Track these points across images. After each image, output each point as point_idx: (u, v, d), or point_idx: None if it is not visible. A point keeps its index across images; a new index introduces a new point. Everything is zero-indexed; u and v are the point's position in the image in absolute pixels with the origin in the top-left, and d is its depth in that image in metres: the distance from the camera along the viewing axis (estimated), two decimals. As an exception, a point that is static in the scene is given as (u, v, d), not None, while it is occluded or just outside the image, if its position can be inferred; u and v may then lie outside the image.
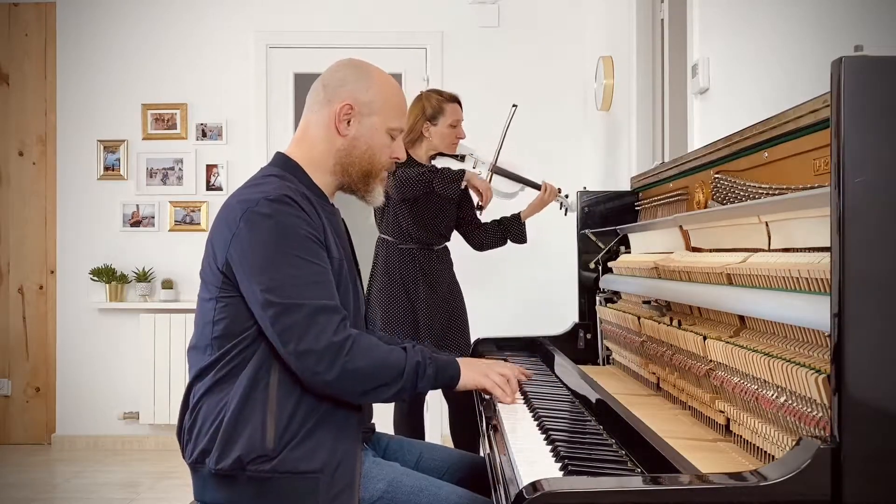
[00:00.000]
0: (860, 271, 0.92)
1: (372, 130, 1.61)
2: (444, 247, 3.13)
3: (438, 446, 1.84)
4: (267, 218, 1.46)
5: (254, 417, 1.44)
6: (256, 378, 1.46)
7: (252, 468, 1.42)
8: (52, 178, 4.53)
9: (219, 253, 1.50)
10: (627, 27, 3.37)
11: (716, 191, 1.62)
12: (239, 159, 4.47)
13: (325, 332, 1.42)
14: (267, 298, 1.43)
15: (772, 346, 1.24)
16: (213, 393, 1.48)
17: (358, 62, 1.67)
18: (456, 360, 1.60)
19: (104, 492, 3.67)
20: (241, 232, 1.47)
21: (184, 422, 1.53)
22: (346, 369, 1.42)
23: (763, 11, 2.02)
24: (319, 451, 1.45)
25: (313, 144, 1.63)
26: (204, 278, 1.55)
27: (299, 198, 1.51)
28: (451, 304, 3.06)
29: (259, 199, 1.47)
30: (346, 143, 1.61)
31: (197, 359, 1.53)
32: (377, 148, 1.63)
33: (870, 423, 0.92)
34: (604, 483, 1.04)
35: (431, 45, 4.42)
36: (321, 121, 1.62)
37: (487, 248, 3.25)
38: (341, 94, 1.60)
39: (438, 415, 4.10)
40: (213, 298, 1.51)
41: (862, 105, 0.92)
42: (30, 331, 4.55)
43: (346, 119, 1.60)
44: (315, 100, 1.64)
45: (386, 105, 1.63)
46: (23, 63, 4.53)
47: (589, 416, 1.57)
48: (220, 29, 4.48)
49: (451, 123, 3.01)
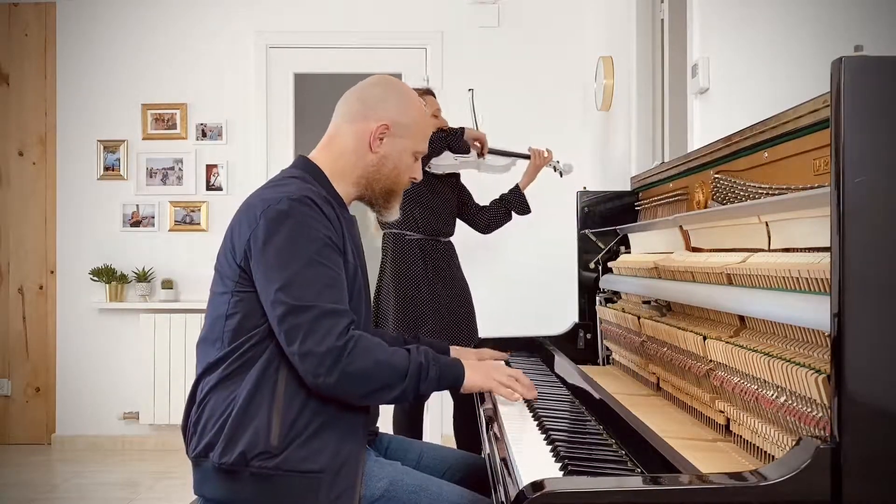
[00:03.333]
0: (860, 271, 0.92)
1: (401, 152, 1.66)
2: (450, 241, 3.18)
3: (439, 446, 1.84)
4: (287, 216, 1.47)
5: (260, 414, 1.44)
6: (265, 375, 1.47)
7: (255, 464, 1.43)
8: (52, 178, 4.53)
9: (238, 247, 1.51)
10: (627, 27, 3.37)
11: (716, 191, 1.62)
12: (239, 159, 4.47)
13: (328, 336, 1.42)
14: (278, 296, 1.44)
15: (772, 346, 1.24)
16: (221, 388, 1.49)
17: (396, 82, 1.71)
18: (461, 362, 1.59)
19: (104, 492, 3.67)
20: (260, 228, 1.48)
21: (190, 416, 1.54)
22: (347, 372, 1.42)
23: (763, 11, 2.02)
24: (324, 452, 1.45)
25: (341, 154, 1.65)
26: (220, 271, 1.56)
27: (321, 201, 1.52)
28: (459, 296, 3.09)
29: (281, 198, 1.49)
30: (375, 159, 1.64)
31: (206, 353, 1.54)
32: (403, 168, 1.67)
33: (870, 423, 0.92)
34: (604, 483, 1.04)
35: (431, 45, 4.42)
36: (354, 133, 1.64)
37: (494, 228, 3.30)
38: (380, 113, 1.64)
39: (439, 415, 4.10)
40: (227, 292, 1.52)
41: (862, 105, 0.92)
42: (30, 331, 4.55)
43: (381, 137, 1.63)
44: (349, 110, 1.66)
45: (418, 130, 1.68)
46: (23, 63, 4.53)
47: (589, 416, 1.57)
48: (220, 29, 4.48)
49: (433, 114, 3.12)
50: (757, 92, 2.03)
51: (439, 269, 3.07)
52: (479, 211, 3.29)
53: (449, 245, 3.17)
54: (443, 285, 3.05)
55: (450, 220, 3.17)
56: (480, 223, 3.29)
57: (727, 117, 2.21)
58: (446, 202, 3.15)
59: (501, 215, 3.28)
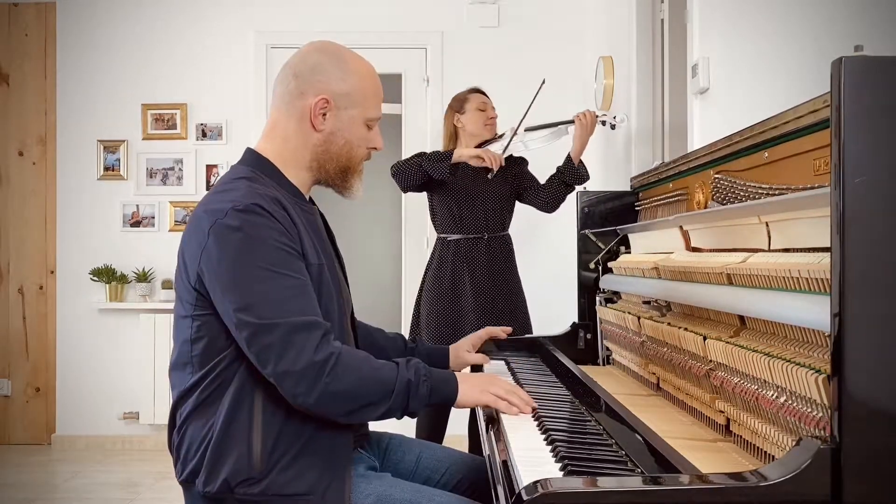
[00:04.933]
0: (860, 271, 0.92)
1: (350, 123, 1.52)
2: (501, 236, 3.14)
3: (439, 447, 1.80)
4: (235, 231, 1.36)
5: (239, 440, 1.39)
6: (240, 399, 1.40)
7: (240, 491, 1.38)
8: (52, 178, 4.53)
9: (190, 268, 1.42)
10: (627, 27, 3.37)
11: (716, 191, 1.62)
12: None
13: (304, 352, 1.33)
14: (240, 318, 1.34)
15: (772, 346, 1.24)
16: (198, 415, 1.43)
17: (331, 47, 1.55)
18: (455, 378, 1.49)
19: (104, 492, 3.67)
20: (209, 246, 1.37)
21: (172, 439, 1.50)
22: (328, 391, 1.34)
23: (763, 11, 2.02)
24: (309, 473, 1.40)
25: (286, 139, 1.53)
26: (178, 294, 1.47)
27: (271, 204, 1.41)
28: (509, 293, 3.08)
29: (227, 210, 1.37)
30: (322, 138, 1.51)
31: (179, 379, 1.47)
32: (355, 141, 1.54)
33: (870, 423, 0.92)
34: (604, 483, 1.04)
35: (431, 45, 4.42)
36: (294, 114, 1.51)
37: (557, 204, 3.18)
38: (316, 86, 1.49)
39: (439, 415, 4.09)
40: (188, 316, 1.44)
41: (862, 105, 0.92)
42: (30, 331, 4.55)
43: (322, 113, 1.50)
44: (286, 90, 1.52)
45: (364, 95, 1.52)
46: (23, 63, 4.53)
47: (589, 416, 1.57)
48: (220, 29, 4.48)
49: (478, 107, 3.15)
50: (757, 92, 2.03)
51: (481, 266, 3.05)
52: (538, 191, 3.18)
53: (498, 240, 3.12)
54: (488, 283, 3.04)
55: (497, 216, 3.13)
56: (540, 203, 3.19)
57: (727, 117, 2.21)
58: (492, 197, 3.11)
59: (560, 190, 3.15)
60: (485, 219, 3.11)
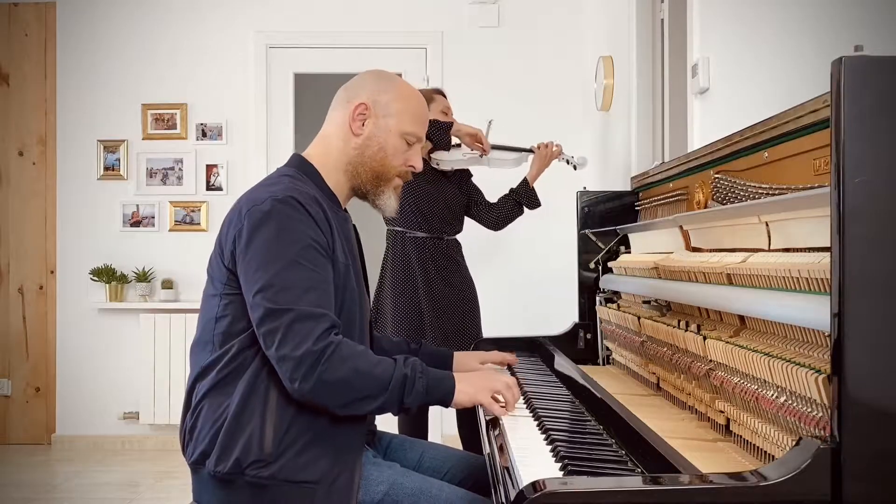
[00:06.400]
0: (860, 271, 0.92)
1: (386, 132, 1.60)
2: (455, 240, 3.16)
3: (440, 446, 1.82)
4: (269, 218, 1.44)
5: (253, 421, 1.43)
6: (257, 381, 1.45)
7: (250, 472, 1.41)
8: (52, 178, 4.53)
9: (225, 249, 1.50)
10: (627, 27, 3.37)
11: (716, 191, 1.62)
12: (239, 159, 4.47)
13: (305, 340, 1.37)
14: (257, 299, 1.41)
15: (772, 346, 1.24)
16: (215, 394, 1.47)
17: (384, 71, 1.68)
18: (452, 378, 1.51)
19: (104, 492, 3.67)
20: (244, 229, 1.46)
21: (185, 421, 1.52)
22: (323, 380, 1.37)
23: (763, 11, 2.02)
24: (320, 461, 1.43)
25: (330, 145, 1.63)
26: (210, 274, 1.55)
27: (308, 201, 1.48)
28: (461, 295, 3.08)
29: (266, 199, 1.46)
30: (359, 142, 1.60)
31: (199, 356, 1.52)
32: (390, 150, 1.61)
33: (870, 423, 0.92)
34: (604, 483, 1.04)
35: (431, 45, 4.42)
36: (338, 120, 1.62)
37: (505, 224, 3.24)
38: (359, 94, 1.61)
39: (439, 415, 4.10)
40: (217, 295, 1.51)
41: (862, 105, 0.92)
42: (30, 331, 4.55)
43: (362, 119, 1.60)
44: (336, 100, 1.65)
45: (403, 109, 1.61)
46: (23, 63, 4.53)
47: (589, 416, 1.57)
48: (220, 29, 4.48)
49: (443, 111, 3.12)
50: (757, 92, 2.03)
51: (441, 267, 3.06)
52: (489, 208, 3.23)
53: (453, 243, 3.15)
54: (444, 284, 3.04)
55: (455, 218, 3.16)
56: (490, 220, 3.24)
57: (727, 117, 2.21)
58: (452, 199, 3.13)
59: (511, 210, 3.21)
60: (446, 220, 3.11)
